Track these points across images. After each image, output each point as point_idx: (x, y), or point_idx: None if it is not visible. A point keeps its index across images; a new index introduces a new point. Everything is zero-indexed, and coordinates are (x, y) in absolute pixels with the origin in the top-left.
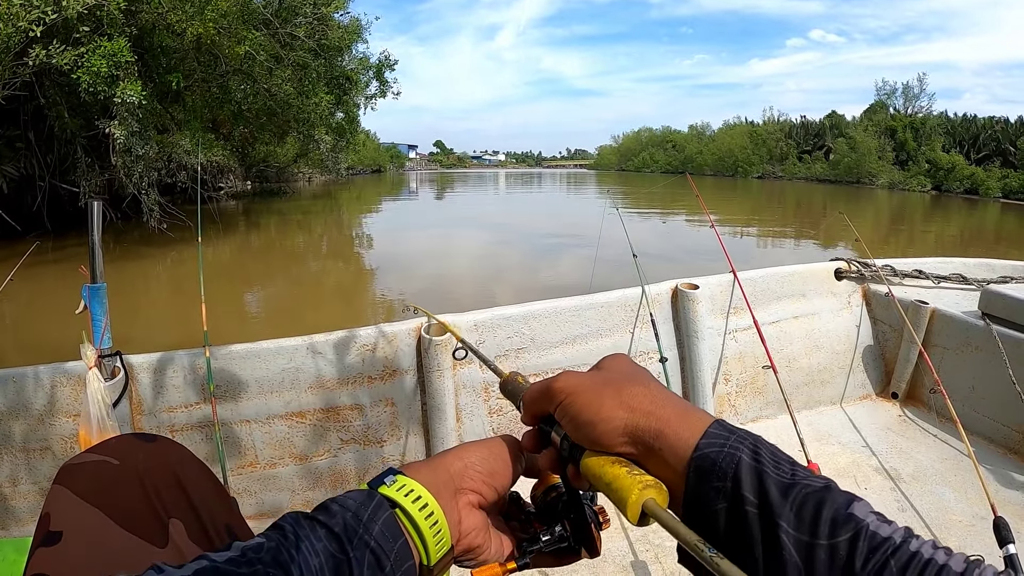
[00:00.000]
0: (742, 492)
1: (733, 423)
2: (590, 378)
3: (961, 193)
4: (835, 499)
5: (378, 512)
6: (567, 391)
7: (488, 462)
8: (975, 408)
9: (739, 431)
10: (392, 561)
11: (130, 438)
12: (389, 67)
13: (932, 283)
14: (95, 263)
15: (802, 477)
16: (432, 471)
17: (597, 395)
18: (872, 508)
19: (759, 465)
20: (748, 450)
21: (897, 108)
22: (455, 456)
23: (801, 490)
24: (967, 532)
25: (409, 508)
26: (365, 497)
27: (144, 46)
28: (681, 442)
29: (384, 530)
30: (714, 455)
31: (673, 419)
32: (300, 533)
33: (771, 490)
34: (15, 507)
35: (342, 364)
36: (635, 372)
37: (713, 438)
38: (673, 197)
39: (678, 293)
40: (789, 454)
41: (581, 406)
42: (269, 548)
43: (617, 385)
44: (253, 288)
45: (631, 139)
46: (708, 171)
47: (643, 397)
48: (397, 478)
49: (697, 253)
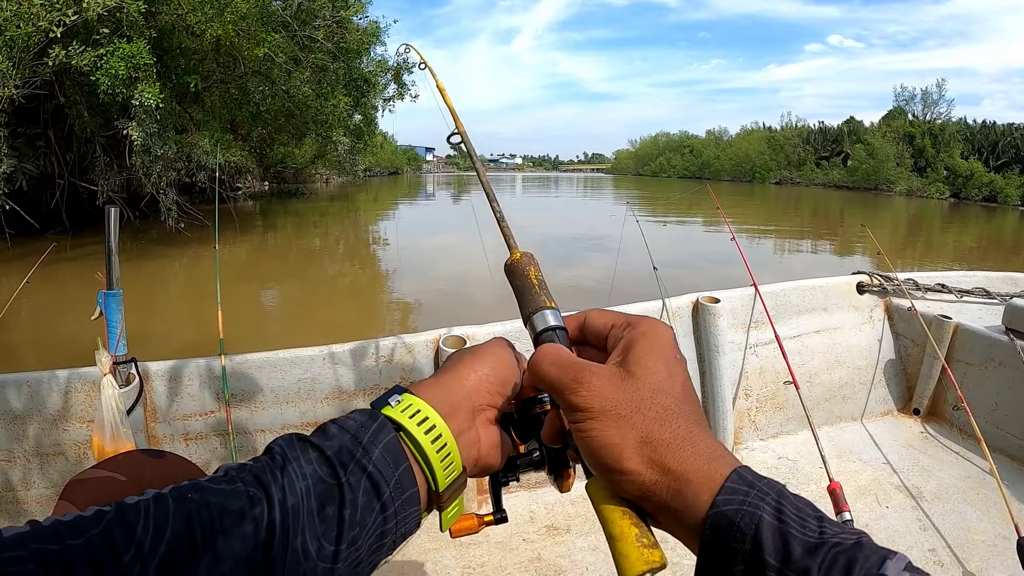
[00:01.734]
0: (763, 556)
1: (753, 439)
2: (615, 401)
3: (980, 200)
4: (867, 558)
5: (379, 435)
6: (589, 414)
7: (499, 370)
8: (998, 425)
9: (760, 483)
10: (392, 488)
11: (138, 454)
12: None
13: (955, 297)
14: (111, 269)
15: (831, 535)
16: (444, 388)
17: (620, 437)
18: (907, 563)
19: (782, 525)
20: (770, 508)
21: (916, 114)
22: (468, 368)
23: (830, 550)
24: (990, 552)
25: (414, 432)
26: (367, 418)
27: (163, 47)
28: (698, 502)
29: (385, 454)
30: (732, 513)
31: (694, 477)
32: (289, 455)
33: (796, 552)
34: (29, 511)
35: (359, 375)
36: (668, 394)
37: (731, 493)
38: (691, 203)
39: (699, 307)
40: (810, 473)
41: (600, 445)
42: (253, 468)
43: (644, 427)
44: (269, 289)
45: (648, 144)
46: (725, 176)
47: (667, 449)
48: (403, 397)
49: (715, 260)
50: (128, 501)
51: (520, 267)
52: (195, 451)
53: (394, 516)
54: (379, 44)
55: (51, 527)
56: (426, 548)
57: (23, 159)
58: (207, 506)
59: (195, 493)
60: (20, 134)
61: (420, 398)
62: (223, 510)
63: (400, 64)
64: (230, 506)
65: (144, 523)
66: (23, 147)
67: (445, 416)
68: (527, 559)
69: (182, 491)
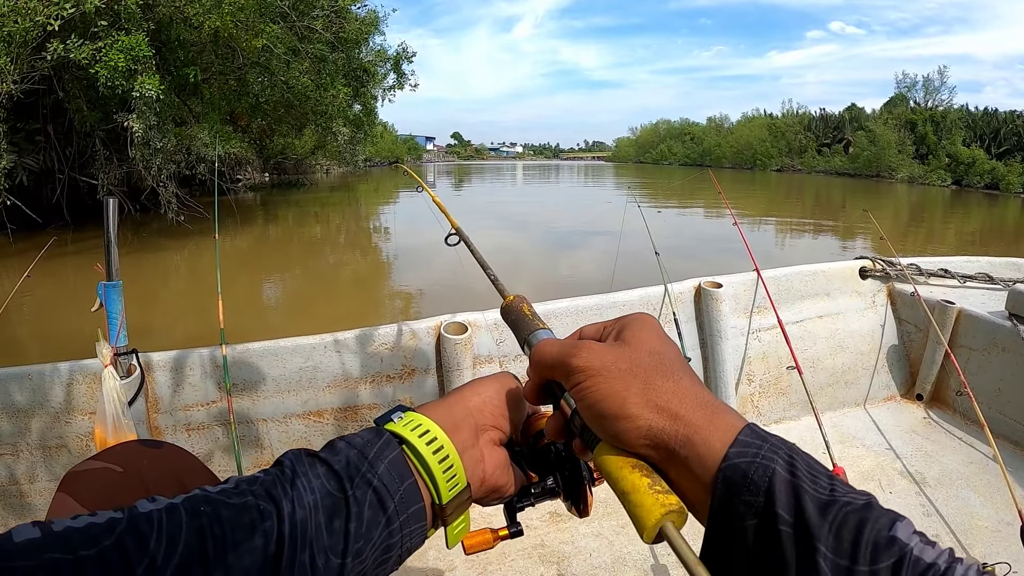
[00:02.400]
0: (776, 509)
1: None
2: (614, 357)
3: (981, 188)
4: (877, 519)
5: (385, 450)
6: (588, 372)
7: (502, 395)
8: (1002, 411)
9: (772, 438)
10: (396, 502)
11: (136, 445)
12: (407, 59)
13: (958, 282)
14: (111, 260)
15: (841, 494)
16: (447, 408)
17: (622, 385)
18: (914, 528)
19: (795, 479)
20: (783, 461)
21: (917, 101)
22: (471, 391)
23: (841, 508)
24: (993, 538)
25: (416, 444)
26: (373, 435)
27: (161, 39)
28: (710, 451)
29: (390, 469)
30: (745, 466)
31: (703, 424)
32: (298, 469)
33: (808, 508)
34: (32, 504)
35: (360, 363)
36: (663, 355)
37: (744, 447)
38: (692, 190)
39: (701, 292)
40: (814, 456)
41: (603, 395)
42: (264, 481)
43: (645, 376)
44: (270, 280)
45: (649, 131)
46: (726, 164)
47: (672, 395)
48: (406, 414)
49: (716, 247)
50: (141, 509)
51: (514, 306)
52: (197, 441)
53: (399, 530)
54: (378, 34)
55: (63, 534)
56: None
57: (23, 154)
58: (219, 520)
59: (207, 506)
60: (19, 129)
61: (423, 415)
62: (235, 524)
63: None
64: (241, 520)
65: (157, 536)
66: (23, 142)
67: (448, 432)
68: (530, 545)
69: (195, 503)
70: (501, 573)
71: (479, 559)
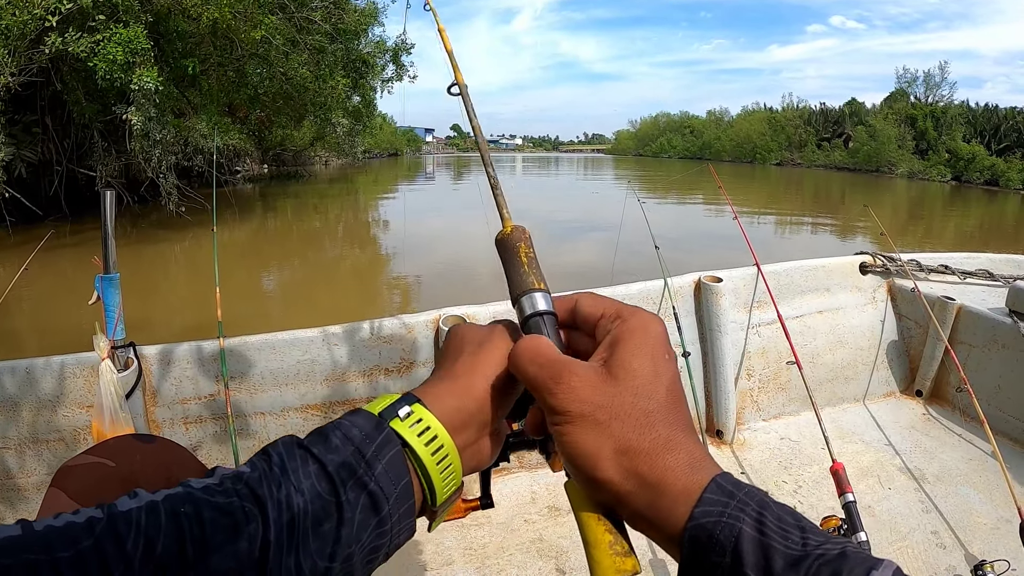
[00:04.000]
0: (744, 570)
1: (755, 419)
2: (593, 406)
3: (981, 184)
4: (852, 570)
5: (384, 449)
6: (566, 417)
7: (509, 376)
8: (1001, 407)
9: (741, 492)
10: (391, 504)
11: (128, 439)
12: (406, 51)
13: (958, 279)
14: (108, 253)
15: (814, 546)
16: (457, 399)
17: (596, 446)
18: (896, 570)
19: (763, 537)
20: (751, 519)
21: (918, 96)
22: (481, 375)
23: (813, 563)
24: (991, 535)
25: (420, 451)
26: (372, 428)
27: (160, 31)
28: (674, 514)
29: (387, 470)
30: (710, 526)
31: (670, 487)
32: (288, 466)
33: (777, 565)
34: (30, 498)
35: (358, 356)
36: (650, 398)
37: (710, 505)
38: (691, 184)
39: (701, 286)
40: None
41: (575, 451)
42: (250, 479)
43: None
44: (269, 272)
45: (649, 124)
46: (726, 157)
47: (644, 458)
48: (413, 410)
49: (716, 241)
50: (120, 508)
51: (511, 242)
52: (195, 434)
53: (390, 531)
54: (377, 25)
55: (42, 534)
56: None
57: (21, 146)
58: (200, 521)
59: (189, 506)
60: (17, 121)
61: (431, 411)
62: (216, 526)
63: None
64: (223, 522)
65: (135, 537)
66: (21, 134)
67: (454, 431)
68: (528, 540)
69: (175, 503)
70: (499, 567)
71: (477, 553)
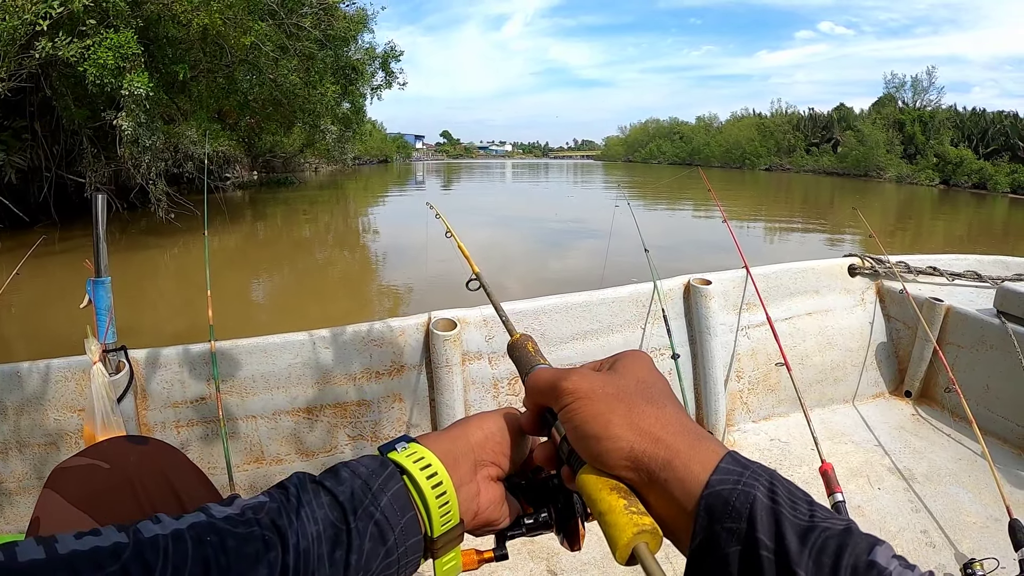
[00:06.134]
0: (757, 535)
1: (745, 421)
2: (602, 384)
3: (969, 187)
4: (856, 544)
5: (389, 483)
6: (576, 395)
7: (505, 431)
8: (990, 408)
9: (753, 465)
10: (397, 535)
11: (121, 441)
12: (395, 57)
13: (946, 280)
14: (99, 257)
15: (821, 519)
16: (450, 441)
17: (607, 407)
18: (894, 552)
19: (776, 505)
20: (764, 488)
21: (906, 101)
22: (475, 426)
23: (820, 534)
24: (981, 534)
25: (417, 477)
26: (378, 465)
27: (150, 37)
28: (691, 476)
29: (393, 502)
30: (727, 493)
31: (683, 449)
32: (303, 498)
33: (788, 534)
34: (19, 502)
35: (349, 359)
36: (651, 385)
37: (726, 474)
38: (681, 189)
39: (691, 288)
40: (803, 455)
41: (587, 416)
42: (270, 509)
43: (629, 401)
44: (259, 278)
45: (638, 130)
46: (715, 163)
47: (654, 419)
48: (409, 445)
49: (706, 246)
50: (145, 534)
51: (519, 343)
52: (186, 437)
53: (397, 562)
54: (367, 31)
55: (68, 558)
56: None
57: (11, 152)
58: (224, 550)
59: (214, 536)
60: (6, 127)
61: (426, 448)
62: (240, 554)
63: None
64: (246, 550)
65: (163, 565)
66: (10, 140)
67: (448, 467)
68: (519, 542)
69: (200, 531)
70: (491, 569)
71: None
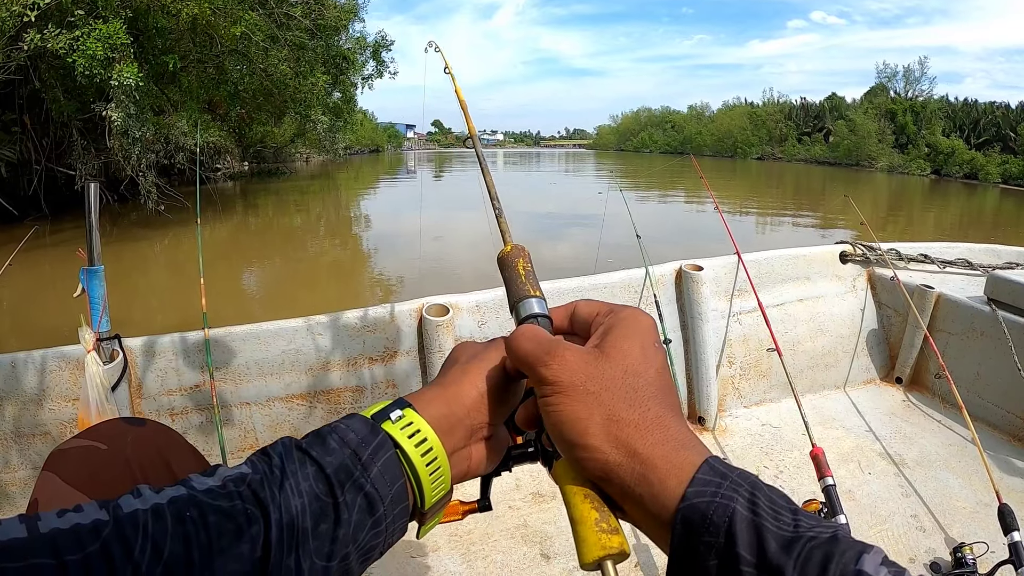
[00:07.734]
0: (737, 550)
1: (737, 406)
2: (585, 377)
3: (960, 178)
4: (843, 553)
5: (379, 452)
6: (557, 387)
7: (502, 387)
8: (980, 394)
9: (733, 474)
10: (386, 505)
11: (118, 422)
12: (386, 47)
13: (937, 268)
14: (92, 245)
15: (806, 529)
16: (446, 405)
17: (585, 412)
18: (884, 557)
19: (757, 518)
20: (744, 499)
21: (897, 91)
22: (470, 383)
23: (805, 544)
24: (971, 519)
25: (410, 453)
26: (368, 433)
27: (139, 27)
28: (666, 491)
29: (383, 472)
30: (703, 506)
31: (660, 464)
32: (288, 468)
33: (771, 546)
34: (13, 493)
35: (342, 346)
36: (639, 376)
37: (703, 485)
38: (672, 178)
39: (682, 274)
40: (794, 440)
41: (564, 418)
42: (252, 481)
43: (611, 405)
44: (251, 269)
45: (630, 119)
46: (707, 152)
47: (634, 429)
48: (404, 414)
49: (697, 234)
50: (125, 509)
51: (510, 258)
52: (180, 425)
53: (385, 531)
54: (357, 20)
55: (49, 536)
56: None
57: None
58: (206, 525)
59: (194, 510)
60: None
61: (421, 415)
62: (221, 530)
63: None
64: (227, 526)
65: (142, 542)
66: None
67: (443, 434)
68: (513, 525)
69: (181, 507)
70: (485, 553)
71: (463, 539)
